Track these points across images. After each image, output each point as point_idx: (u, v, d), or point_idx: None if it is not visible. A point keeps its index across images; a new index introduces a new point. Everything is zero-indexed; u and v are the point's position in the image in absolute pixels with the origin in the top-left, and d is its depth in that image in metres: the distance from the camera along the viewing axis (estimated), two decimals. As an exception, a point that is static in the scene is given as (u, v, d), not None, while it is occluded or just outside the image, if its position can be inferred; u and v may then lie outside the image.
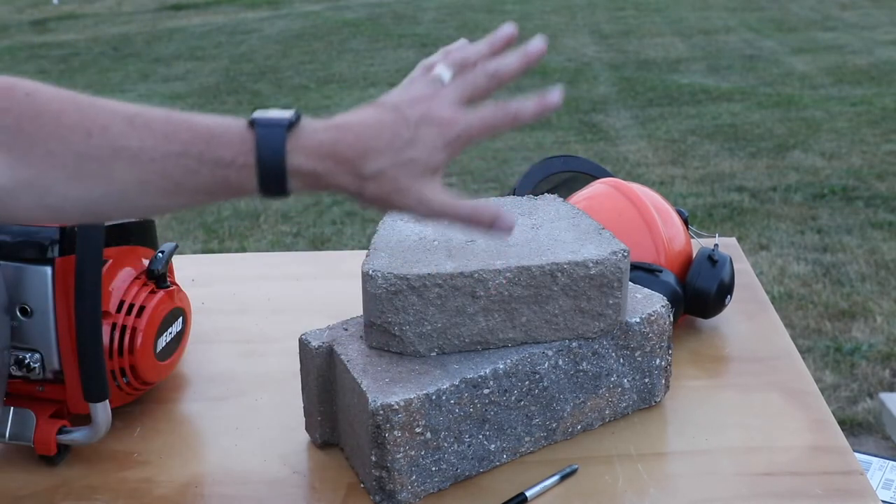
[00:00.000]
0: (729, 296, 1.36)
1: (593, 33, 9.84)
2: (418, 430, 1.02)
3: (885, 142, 5.54)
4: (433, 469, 1.05)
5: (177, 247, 1.25)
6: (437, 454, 1.04)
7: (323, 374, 1.13)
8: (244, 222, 4.73)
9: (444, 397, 1.03)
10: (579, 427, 1.16)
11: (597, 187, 1.44)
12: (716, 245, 1.40)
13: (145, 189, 0.75)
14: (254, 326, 1.45)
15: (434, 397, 1.02)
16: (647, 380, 1.18)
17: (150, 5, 13.44)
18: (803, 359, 1.45)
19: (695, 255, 1.38)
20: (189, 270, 1.46)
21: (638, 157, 5.52)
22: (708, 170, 5.19)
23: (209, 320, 1.43)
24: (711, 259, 1.35)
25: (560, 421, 1.13)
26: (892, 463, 1.70)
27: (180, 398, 1.29)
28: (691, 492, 1.06)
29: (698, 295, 1.34)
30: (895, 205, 4.51)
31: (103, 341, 1.09)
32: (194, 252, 4.28)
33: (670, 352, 1.20)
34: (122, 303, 1.15)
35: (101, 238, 1.07)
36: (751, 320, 1.41)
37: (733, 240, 1.66)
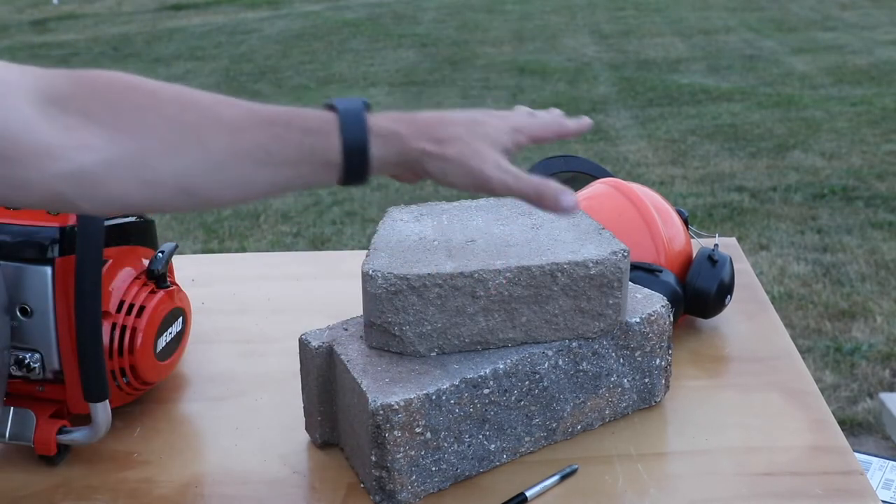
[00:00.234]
0: (729, 296, 1.36)
1: (593, 33, 9.84)
2: (418, 430, 1.02)
3: (885, 142, 5.54)
4: (433, 469, 1.05)
5: (177, 247, 1.25)
6: (437, 454, 1.04)
7: (323, 374, 1.13)
8: (244, 222, 4.73)
9: (444, 397, 1.03)
10: (579, 427, 1.16)
11: (597, 187, 1.44)
12: (716, 245, 1.40)
13: (237, 158, 0.77)
14: (254, 326, 1.45)
15: (434, 397, 1.02)
16: (647, 380, 1.18)
17: (150, 5, 13.44)
18: (803, 359, 1.45)
19: (695, 255, 1.38)
20: (189, 270, 1.46)
21: (638, 157, 5.52)
22: (708, 170, 5.19)
23: (209, 320, 1.43)
24: (711, 259, 1.35)
25: (560, 421, 1.13)
26: (892, 463, 1.70)
27: (180, 398, 1.29)
28: (691, 492, 1.06)
29: (698, 295, 1.34)
30: (895, 205, 4.51)
31: (103, 341, 1.09)
32: (194, 252, 4.28)
33: (670, 352, 1.20)
34: (122, 303, 1.15)
35: (101, 238, 1.07)
36: (751, 320, 1.41)
37: (733, 240, 1.66)
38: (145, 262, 1.21)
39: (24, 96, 0.74)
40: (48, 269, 1.08)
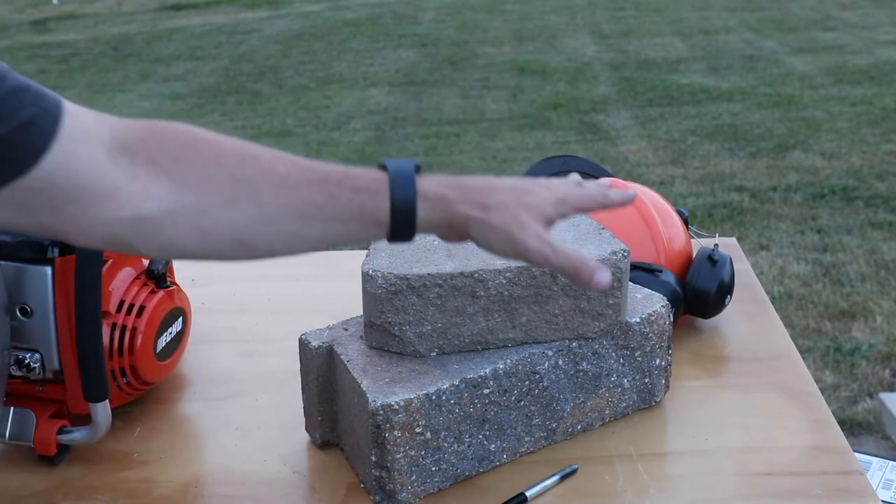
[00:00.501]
0: (729, 296, 1.36)
1: (593, 33, 9.83)
2: (418, 430, 1.02)
3: (885, 142, 5.54)
4: (433, 469, 1.05)
5: (177, 247, 1.25)
6: (437, 454, 1.04)
7: (323, 374, 1.13)
8: (244, 222, 4.73)
9: (444, 397, 1.03)
10: (579, 427, 1.16)
11: (597, 187, 1.43)
12: (716, 245, 1.40)
13: (289, 213, 0.81)
14: (254, 326, 1.45)
15: (434, 397, 1.02)
16: (647, 380, 1.18)
17: (150, 5, 13.43)
18: (803, 359, 1.45)
19: (695, 255, 1.38)
20: (189, 270, 1.45)
21: (638, 157, 5.52)
22: (708, 170, 5.19)
23: (209, 320, 1.43)
24: (711, 259, 1.35)
25: (560, 421, 1.13)
26: (892, 463, 1.70)
27: (180, 398, 1.29)
28: (691, 492, 1.06)
29: (698, 295, 1.34)
30: (895, 205, 4.51)
31: (103, 341, 1.09)
32: (194, 252, 4.27)
33: (670, 352, 1.20)
34: (122, 303, 1.15)
35: (101, 238, 1.07)
36: (751, 320, 1.41)
37: (733, 240, 1.66)
38: (145, 262, 1.21)
39: (99, 143, 0.78)
40: (48, 269, 1.08)
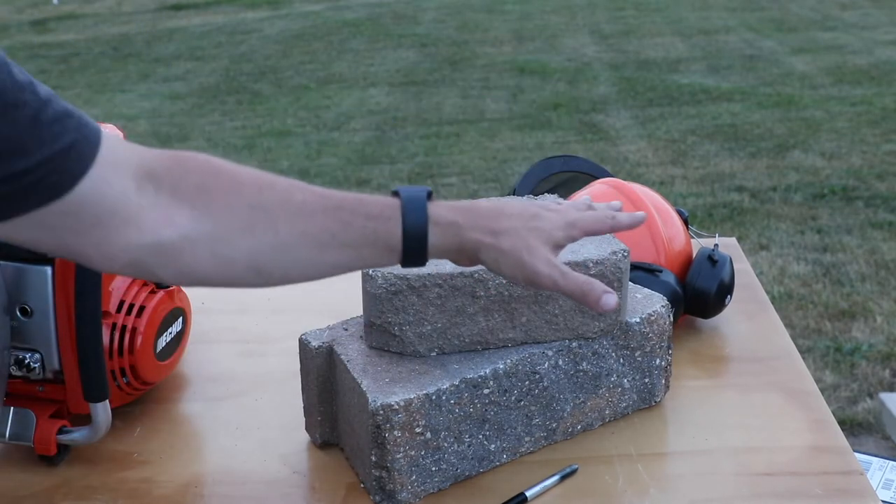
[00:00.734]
0: (729, 296, 1.36)
1: (593, 33, 9.83)
2: (418, 430, 1.02)
3: (885, 142, 5.54)
4: (433, 469, 1.05)
5: (177, 247, 1.25)
6: (437, 454, 1.04)
7: (323, 374, 1.13)
8: (244, 222, 4.73)
9: (444, 397, 1.03)
10: (579, 427, 1.16)
11: (597, 187, 1.44)
12: (716, 245, 1.40)
13: (304, 240, 0.83)
14: (254, 326, 1.45)
15: (434, 397, 1.02)
16: (647, 380, 1.18)
17: (150, 5, 13.43)
18: (803, 359, 1.45)
19: (695, 255, 1.38)
20: (189, 270, 1.45)
21: (638, 157, 5.52)
22: (708, 170, 5.19)
23: (209, 320, 1.43)
24: (711, 259, 1.35)
25: (560, 421, 1.13)
26: (892, 463, 1.70)
27: (180, 398, 1.29)
28: (691, 492, 1.06)
29: (698, 295, 1.34)
30: (895, 205, 4.51)
31: (103, 341, 1.09)
32: (194, 252, 4.27)
33: (670, 352, 1.20)
34: (122, 303, 1.15)
35: (101, 238, 1.07)
36: (751, 320, 1.41)
37: (733, 240, 1.66)
38: (145, 262, 1.21)
39: (128, 171, 0.81)
40: (48, 269, 1.08)
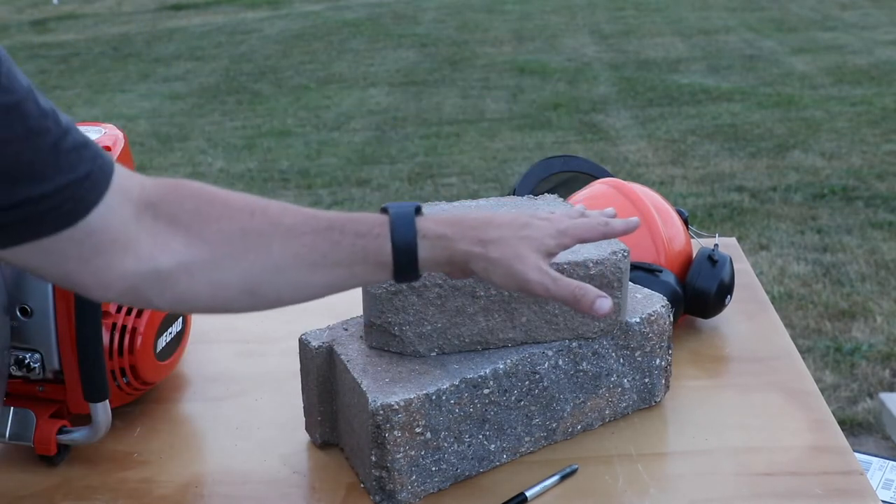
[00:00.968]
0: (729, 296, 1.36)
1: (593, 33, 9.83)
2: (418, 430, 1.02)
3: (885, 142, 5.54)
4: (433, 469, 1.05)
5: (177, 247, 1.25)
6: (437, 454, 1.04)
7: (323, 374, 1.13)
8: (244, 222, 4.73)
9: (444, 397, 1.03)
10: (579, 427, 1.16)
11: (597, 187, 1.44)
12: (716, 245, 1.40)
13: (297, 261, 0.84)
14: (254, 326, 1.45)
15: (434, 397, 1.02)
16: (647, 380, 1.18)
17: (150, 5, 13.43)
18: (803, 359, 1.45)
19: (695, 255, 1.38)
20: (189, 270, 1.45)
21: (638, 157, 5.52)
22: (708, 170, 5.19)
23: (209, 320, 1.43)
24: (711, 259, 1.35)
25: (560, 421, 1.13)
26: (892, 463, 1.70)
27: (180, 398, 1.29)
28: (691, 492, 1.06)
29: (698, 295, 1.34)
30: (895, 205, 4.51)
31: (103, 341, 1.09)
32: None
33: (670, 352, 1.20)
34: (122, 303, 1.15)
35: (101, 238, 1.07)
36: (751, 320, 1.41)
37: (733, 240, 1.66)
38: (145, 262, 1.21)
39: (130, 199, 0.82)
40: (48, 269, 1.08)
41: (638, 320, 1.15)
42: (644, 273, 1.29)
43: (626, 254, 1.11)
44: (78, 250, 0.80)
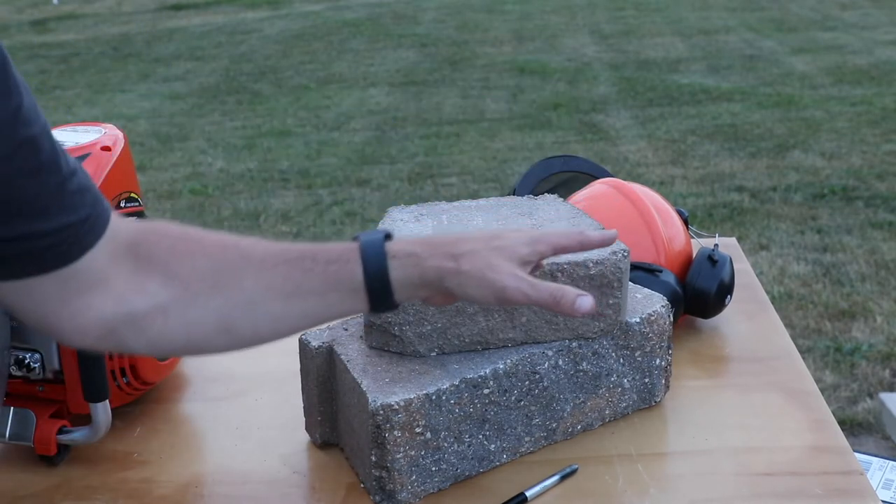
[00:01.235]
0: (729, 296, 1.36)
1: (593, 33, 9.83)
2: (418, 430, 1.02)
3: (885, 142, 5.54)
4: (433, 469, 1.05)
5: (177, 247, 1.25)
6: (437, 454, 1.04)
7: (323, 374, 1.13)
8: (244, 222, 4.73)
9: (444, 397, 1.03)
10: (579, 427, 1.16)
11: (597, 187, 1.44)
12: (716, 245, 1.40)
13: (270, 293, 0.84)
14: (254, 326, 1.45)
15: (434, 397, 1.02)
16: (647, 380, 1.18)
17: (150, 5, 13.44)
18: (803, 359, 1.45)
19: (695, 255, 1.38)
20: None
21: (638, 157, 5.52)
22: (708, 170, 5.19)
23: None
24: (711, 259, 1.35)
25: (560, 421, 1.13)
26: (892, 463, 1.70)
27: (180, 398, 1.29)
28: (691, 492, 1.06)
29: (698, 295, 1.34)
30: (895, 205, 4.51)
31: (103, 341, 1.09)
32: (194, 252, 4.27)
33: (670, 352, 1.20)
34: (122, 303, 1.15)
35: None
36: (751, 320, 1.41)
37: (733, 240, 1.66)
38: (145, 262, 1.21)
39: (116, 245, 0.83)
40: (48, 269, 1.08)
41: (638, 320, 1.15)
42: (644, 273, 1.29)
43: (626, 254, 1.11)
44: (61, 291, 0.81)
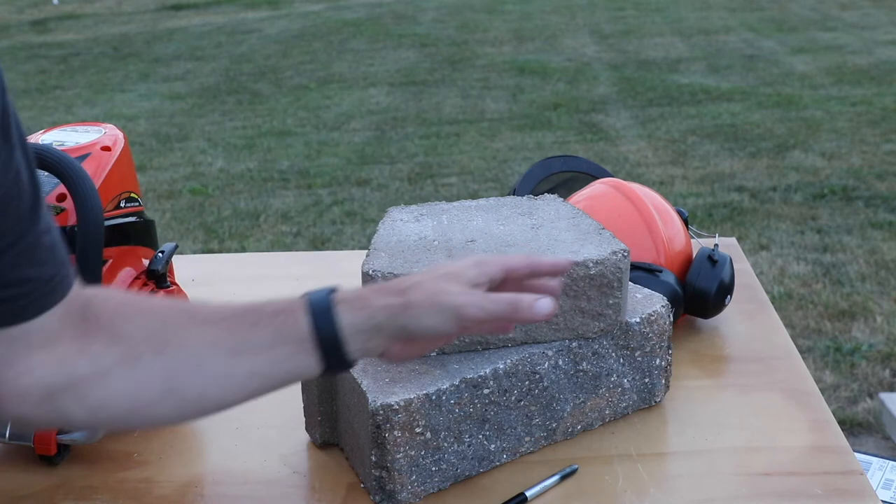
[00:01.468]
0: (729, 296, 1.36)
1: (593, 33, 9.84)
2: (418, 430, 1.02)
3: (885, 142, 5.54)
4: (433, 469, 1.05)
5: (177, 247, 1.25)
6: (437, 454, 1.04)
7: (323, 374, 1.13)
8: (244, 222, 4.73)
9: (444, 397, 1.03)
10: (579, 427, 1.16)
11: (597, 187, 1.44)
12: (716, 245, 1.40)
13: (215, 350, 0.82)
14: (254, 326, 1.45)
15: (434, 397, 1.02)
16: (647, 380, 1.18)
17: (150, 5, 13.44)
18: (803, 359, 1.45)
19: (695, 255, 1.38)
20: (189, 270, 1.45)
21: (638, 157, 5.52)
22: (708, 170, 5.19)
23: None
24: (711, 259, 1.35)
25: (560, 421, 1.13)
26: (892, 463, 1.70)
27: (180, 398, 1.29)
28: (691, 492, 1.06)
29: (698, 295, 1.34)
30: (895, 205, 4.51)
31: (103, 341, 1.09)
32: (194, 252, 4.28)
33: (670, 352, 1.20)
34: (122, 303, 1.15)
35: (101, 238, 1.07)
36: (751, 320, 1.41)
37: (733, 240, 1.66)
38: (145, 262, 1.21)
39: (69, 308, 0.81)
40: (48, 269, 1.08)
41: (638, 320, 1.15)
42: (644, 273, 1.29)
43: (626, 254, 1.11)
44: (5, 351, 0.78)
